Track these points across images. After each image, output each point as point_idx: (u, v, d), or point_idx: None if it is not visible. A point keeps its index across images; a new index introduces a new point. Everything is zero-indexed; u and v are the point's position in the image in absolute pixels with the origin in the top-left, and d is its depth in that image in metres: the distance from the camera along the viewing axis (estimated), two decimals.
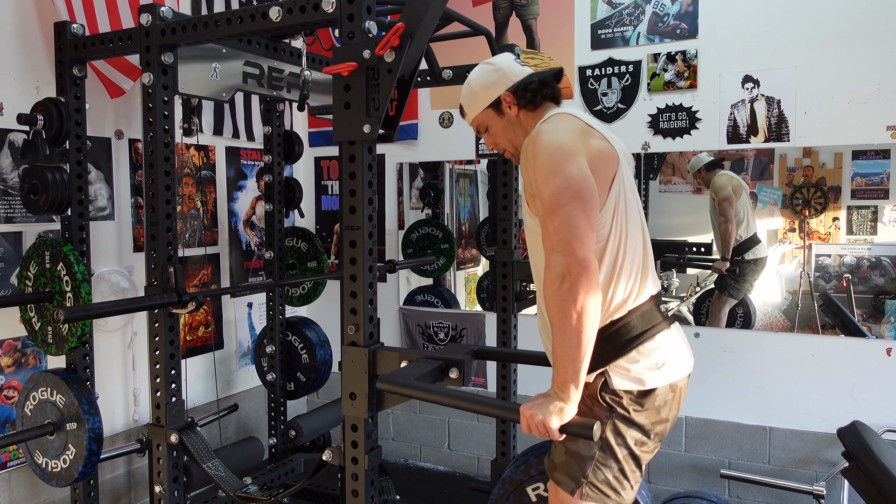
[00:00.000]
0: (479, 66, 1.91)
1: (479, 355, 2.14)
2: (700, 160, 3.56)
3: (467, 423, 4.05)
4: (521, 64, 1.91)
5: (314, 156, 4.44)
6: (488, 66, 1.89)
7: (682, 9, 3.35)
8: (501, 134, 1.90)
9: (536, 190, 1.65)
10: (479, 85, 1.88)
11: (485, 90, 1.87)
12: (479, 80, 1.88)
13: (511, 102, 1.86)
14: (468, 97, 1.91)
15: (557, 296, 1.51)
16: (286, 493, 2.32)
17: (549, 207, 1.58)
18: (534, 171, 1.65)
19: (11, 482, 2.80)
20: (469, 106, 1.91)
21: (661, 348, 1.71)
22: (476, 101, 1.89)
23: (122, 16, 2.94)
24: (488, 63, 1.90)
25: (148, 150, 2.32)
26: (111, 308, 2.31)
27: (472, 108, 1.91)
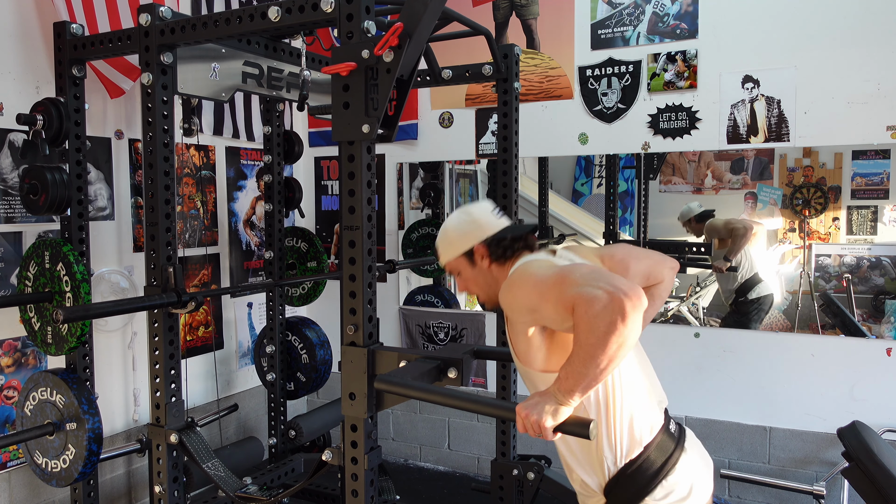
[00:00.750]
0: (456, 213, 1.91)
1: (478, 355, 2.13)
2: (690, 210, 3.62)
3: (467, 423, 4.05)
4: (497, 216, 1.89)
5: (314, 156, 4.44)
6: (465, 217, 1.89)
7: (682, 9, 3.35)
8: (472, 281, 1.90)
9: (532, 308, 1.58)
10: (454, 232, 1.88)
11: (459, 239, 1.87)
12: (454, 228, 1.88)
13: (483, 254, 1.84)
14: (443, 242, 1.91)
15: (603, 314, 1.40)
16: (286, 493, 2.32)
17: (557, 285, 1.52)
18: (523, 294, 1.60)
19: (11, 482, 2.80)
20: (443, 251, 1.91)
21: (685, 477, 1.69)
22: (450, 247, 1.89)
23: (121, 16, 2.94)
24: (466, 213, 1.90)
25: (147, 150, 2.32)
26: (111, 308, 2.31)
27: (445, 253, 1.90)
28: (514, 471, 2.79)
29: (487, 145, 3.90)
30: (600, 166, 4.40)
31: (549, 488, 2.74)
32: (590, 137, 3.62)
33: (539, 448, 3.76)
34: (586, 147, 3.64)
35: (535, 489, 2.76)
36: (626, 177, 4.16)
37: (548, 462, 2.83)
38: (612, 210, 3.93)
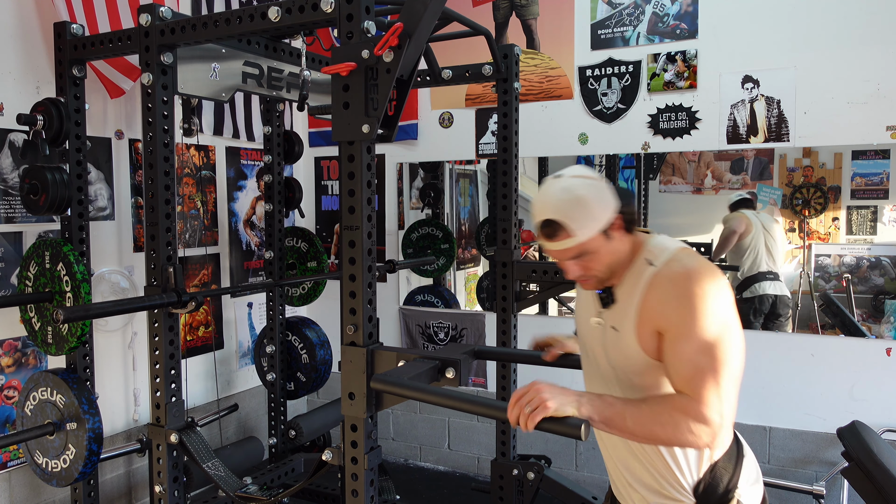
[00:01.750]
0: (582, 179, 1.54)
1: (479, 355, 2.13)
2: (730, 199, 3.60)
3: (467, 423, 4.05)
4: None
5: (314, 156, 4.44)
6: (592, 182, 1.55)
7: (682, 9, 3.35)
8: (605, 260, 1.57)
9: (679, 330, 1.48)
10: (597, 202, 1.52)
11: (601, 209, 1.53)
12: (595, 195, 1.52)
13: (619, 225, 1.57)
14: (581, 216, 1.51)
15: (692, 440, 1.42)
16: (286, 493, 2.32)
17: (711, 368, 1.46)
18: (685, 309, 1.47)
19: (11, 482, 2.81)
20: (581, 227, 1.51)
21: (752, 458, 1.74)
22: (593, 222, 1.51)
23: (121, 16, 2.94)
24: (588, 177, 1.56)
25: (148, 150, 2.33)
26: (111, 308, 2.32)
27: (585, 229, 1.51)
28: (514, 471, 2.79)
29: (487, 145, 3.90)
30: (600, 166, 4.40)
31: (549, 488, 2.75)
32: (590, 137, 3.62)
33: (539, 448, 3.76)
34: (586, 147, 3.64)
35: (535, 489, 2.76)
36: (626, 177, 4.16)
37: (548, 462, 2.83)
38: None
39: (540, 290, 2.90)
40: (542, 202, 1.54)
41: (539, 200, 1.55)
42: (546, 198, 1.54)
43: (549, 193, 1.54)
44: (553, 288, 2.87)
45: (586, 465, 3.74)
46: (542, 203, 1.54)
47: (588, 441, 3.69)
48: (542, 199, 1.54)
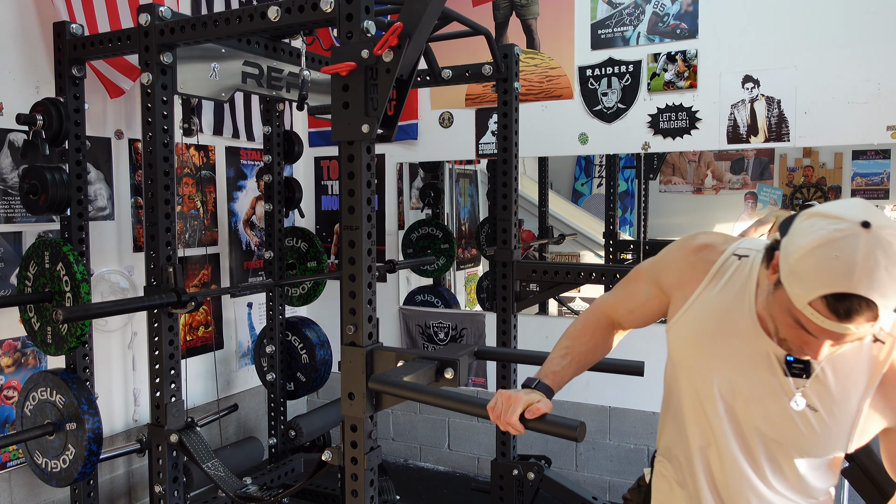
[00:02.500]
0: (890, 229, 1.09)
1: (479, 355, 2.13)
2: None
3: (467, 423, 4.05)
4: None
5: (314, 156, 4.44)
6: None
7: (682, 9, 3.35)
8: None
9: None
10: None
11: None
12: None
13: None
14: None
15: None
16: (286, 493, 2.32)
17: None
18: None
19: (11, 482, 2.81)
20: (892, 304, 1.09)
21: None
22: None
23: (121, 16, 2.94)
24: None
25: (147, 150, 2.33)
26: (110, 308, 2.32)
27: (891, 308, 1.10)
28: (514, 471, 2.79)
29: (487, 145, 3.90)
30: (600, 166, 4.41)
31: (549, 488, 2.74)
32: (590, 137, 3.62)
33: (539, 448, 3.76)
34: (586, 147, 3.64)
35: (535, 489, 2.76)
36: (626, 177, 4.16)
37: (548, 462, 2.83)
38: (612, 210, 3.93)
39: (540, 290, 2.90)
40: (864, 269, 1.06)
41: (857, 263, 1.06)
42: (872, 264, 1.06)
43: (874, 258, 1.06)
44: (553, 288, 2.87)
45: (586, 465, 3.74)
46: (865, 270, 1.06)
47: (588, 441, 3.69)
48: (864, 263, 1.06)
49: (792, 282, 1.13)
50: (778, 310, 1.20)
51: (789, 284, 1.14)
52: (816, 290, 1.09)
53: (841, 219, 1.10)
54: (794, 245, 1.14)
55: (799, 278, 1.12)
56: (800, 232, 1.15)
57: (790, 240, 1.17)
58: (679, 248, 1.49)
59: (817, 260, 1.09)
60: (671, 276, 1.47)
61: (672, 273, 1.47)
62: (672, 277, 1.47)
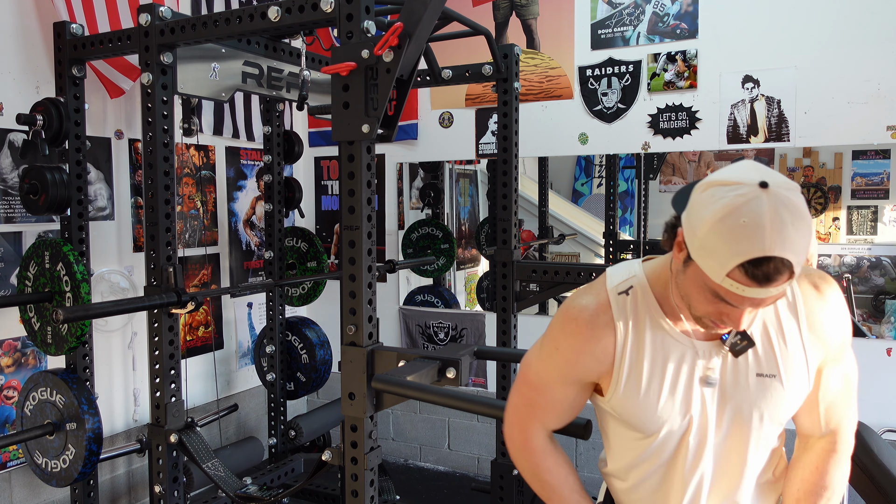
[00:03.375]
0: (799, 195, 1.11)
1: (479, 355, 2.13)
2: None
3: (467, 423, 4.05)
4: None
5: (314, 156, 4.44)
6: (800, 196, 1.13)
7: (682, 9, 3.35)
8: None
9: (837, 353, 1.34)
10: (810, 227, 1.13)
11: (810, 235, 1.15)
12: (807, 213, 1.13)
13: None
14: (807, 243, 1.11)
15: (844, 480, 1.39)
16: (286, 493, 2.32)
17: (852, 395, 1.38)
18: (846, 323, 1.34)
19: (11, 482, 2.80)
20: (802, 258, 1.11)
21: None
22: (806, 252, 1.12)
23: (121, 16, 2.94)
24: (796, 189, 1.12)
25: (147, 150, 2.33)
26: (110, 308, 2.32)
27: (801, 262, 1.11)
28: (515, 471, 2.79)
29: (487, 145, 3.90)
30: (600, 166, 4.41)
31: None
32: (590, 137, 3.62)
33: None
34: (586, 147, 3.64)
35: None
36: (626, 177, 4.16)
37: None
38: (612, 210, 3.93)
39: (540, 290, 2.90)
40: (773, 228, 1.06)
41: (765, 225, 1.06)
42: (779, 223, 1.06)
43: (779, 216, 1.06)
44: (553, 288, 2.87)
45: (586, 465, 3.74)
46: (774, 230, 1.06)
47: (588, 441, 3.69)
48: (772, 223, 1.06)
49: (704, 256, 1.12)
50: (692, 287, 1.19)
51: (702, 259, 1.13)
52: (732, 260, 1.08)
53: (739, 184, 1.10)
54: (699, 218, 1.12)
55: (711, 252, 1.11)
56: (701, 204, 1.13)
57: (692, 213, 1.15)
58: (570, 335, 1.34)
59: (726, 229, 1.08)
60: (587, 365, 1.34)
61: (585, 363, 1.34)
62: (589, 365, 1.34)
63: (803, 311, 1.30)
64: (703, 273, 1.14)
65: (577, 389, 1.38)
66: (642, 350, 1.30)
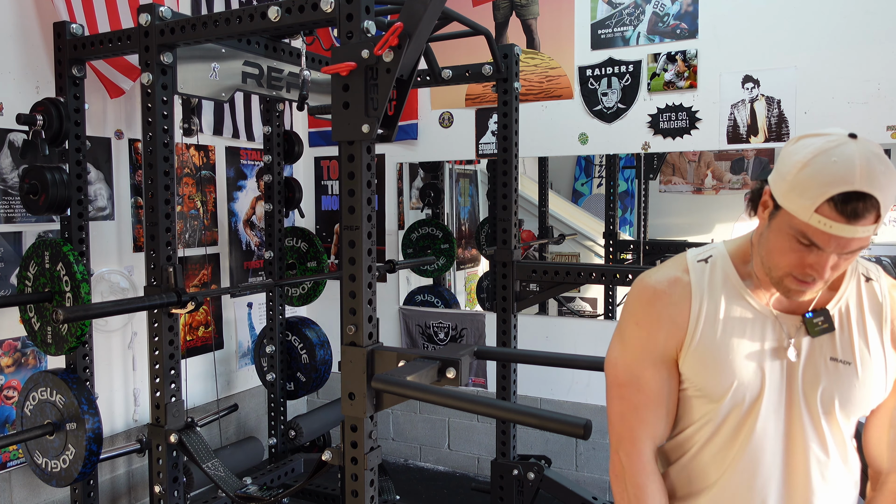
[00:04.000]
0: (880, 147, 1.17)
1: (479, 355, 2.13)
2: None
3: (467, 423, 4.05)
4: None
5: (314, 156, 4.44)
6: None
7: (682, 9, 3.35)
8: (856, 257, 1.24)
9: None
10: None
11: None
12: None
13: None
14: (892, 198, 1.14)
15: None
16: (286, 493, 2.32)
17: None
18: None
19: (11, 482, 2.80)
20: (889, 206, 1.14)
21: None
22: (892, 203, 1.16)
23: (121, 16, 2.94)
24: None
25: (147, 150, 2.32)
26: (110, 308, 2.31)
27: (887, 211, 1.15)
28: (514, 471, 2.79)
29: (487, 145, 3.90)
30: (600, 166, 4.41)
31: (549, 488, 2.74)
32: (590, 137, 3.62)
33: (539, 448, 3.76)
34: (586, 147, 3.64)
35: (535, 489, 2.76)
36: (626, 177, 4.16)
37: (548, 462, 2.83)
38: (612, 210, 3.93)
39: (540, 290, 2.90)
40: (863, 167, 1.10)
41: (855, 163, 1.10)
42: (867, 164, 1.10)
43: (868, 159, 1.11)
44: (553, 288, 2.87)
45: (586, 465, 3.74)
46: (863, 168, 1.10)
47: (588, 441, 3.69)
48: (861, 163, 1.10)
49: (794, 197, 1.16)
50: (776, 239, 1.21)
51: (791, 200, 1.16)
52: (822, 194, 1.11)
53: (829, 134, 1.16)
54: (790, 163, 1.18)
55: (801, 190, 1.14)
56: (791, 152, 1.19)
57: (782, 162, 1.20)
58: (648, 304, 1.34)
59: (817, 167, 1.13)
60: (668, 331, 1.31)
61: (667, 329, 1.32)
62: (670, 331, 1.31)
63: (889, 316, 1.29)
64: (790, 218, 1.17)
65: (667, 370, 1.33)
66: (718, 312, 1.30)
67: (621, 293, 4.05)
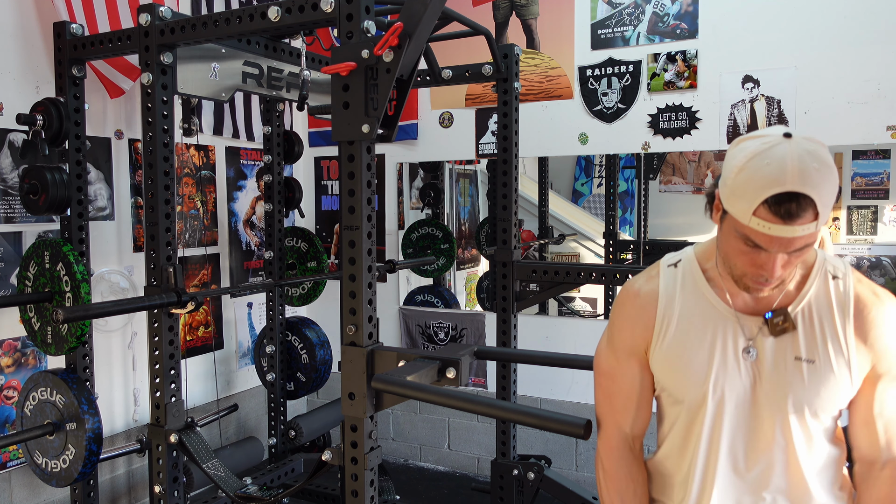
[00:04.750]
0: (822, 147, 1.19)
1: (479, 355, 2.13)
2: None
3: (467, 423, 4.05)
4: None
5: (314, 156, 4.44)
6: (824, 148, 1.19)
7: (682, 9, 3.35)
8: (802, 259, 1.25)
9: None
10: (835, 177, 1.18)
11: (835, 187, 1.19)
12: (834, 168, 1.18)
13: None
14: (831, 196, 1.16)
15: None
16: (286, 493, 2.32)
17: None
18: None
19: (11, 482, 2.80)
20: (826, 210, 1.16)
21: None
22: (830, 207, 1.18)
23: (121, 16, 2.94)
24: (822, 144, 1.20)
25: (147, 150, 2.32)
26: (110, 308, 2.31)
27: (826, 214, 1.17)
28: (514, 471, 2.79)
29: (487, 145, 3.90)
30: (600, 166, 4.41)
31: (549, 488, 2.74)
32: (590, 137, 3.62)
33: (539, 448, 3.76)
34: (586, 147, 3.64)
35: (535, 489, 2.76)
36: (626, 177, 4.16)
37: (548, 462, 2.83)
38: (612, 210, 3.93)
39: (540, 290, 2.90)
40: (794, 167, 1.12)
41: (787, 164, 1.13)
42: (799, 163, 1.12)
43: (800, 158, 1.13)
44: (553, 288, 2.87)
45: (586, 465, 3.74)
46: (794, 169, 1.12)
47: (588, 441, 3.69)
48: (793, 163, 1.12)
49: (734, 201, 1.19)
50: (727, 240, 1.26)
51: (732, 204, 1.20)
52: (756, 198, 1.15)
53: (765, 135, 1.19)
54: (729, 168, 1.22)
55: (739, 194, 1.18)
56: (731, 157, 1.23)
57: (725, 166, 1.24)
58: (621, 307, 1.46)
59: (751, 171, 1.16)
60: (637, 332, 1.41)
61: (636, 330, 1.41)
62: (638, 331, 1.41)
63: (851, 312, 1.30)
64: (734, 221, 1.21)
65: (639, 366, 1.43)
66: (682, 315, 1.37)
67: None
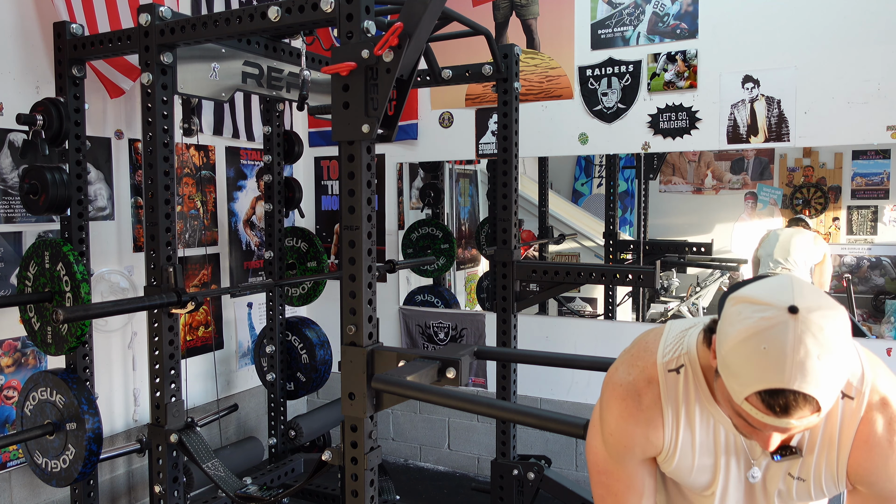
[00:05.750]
0: (845, 336, 1.05)
1: (479, 355, 2.13)
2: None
3: (467, 423, 4.05)
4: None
5: (314, 156, 4.44)
6: (845, 324, 1.06)
7: (682, 9, 3.35)
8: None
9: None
10: (846, 359, 1.06)
11: (845, 369, 1.07)
12: (847, 352, 1.06)
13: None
14: (837, 391, 1.05)
15: None
16: (286, 493, 2.32)
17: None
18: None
19: (11, 482, 2.80)
20: (833, 394, 1.05)
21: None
22: (840, 386, 1.07)
23: (121, 16, 2.94)
24: (846, 326, 1.06)
25: (147, 150, 2.33)
26: (110, 308, 2.31)
27: (833, 397, 1.05)
28: (514, 471, 2.79)
29: (487, 145, 3.90)
30: (600, 166, 4.41)
31: (549, 488, 2.74)
32: (590, 137, 3.62)
33: (539, 448, 3.76)
34: (586, 147, 3.64)
35: (535, 489, 2.76)
36: (626, 177, 4.17)
37: (548, 462, 2.83)
38: (612, 210, 3.93)
39: (540, 290, 2.90)
40: (794, 361, 1.01)
41: (786, 356, 1.01)
42: (802, 356, 1.00)
43: (804, 349, 1.01)
44: (553, 288, 2.87)
45: (586, 464, 3.74)
46: (795, 364, 1.01)
47: None
48: (794, 355, 1.01)
49: (727, 376, 1.08)
50: (722, 397, 1.16)
51: (725, 378, 1.09)
52: (749, 386, 1.04)
53: (767, 305, 1.04)
54: (725, 334, 1.09)
55: (732, 373, 1.07)
56: (727, 320, 1.10)
57: (722, 327, 1.11)
58: (619, 417, 1.32)
59: (746, 354, 1.04)
60: (640, 445, 1.32)
61: (638, 443, 1.32)
62: (641, 445, 1.32)
63: (851, 443, 1.21)
64: (727, 390, 1.10)
65: (644, 464, 1.37)
66: (693, 435, 1.29)
67: (621, 293, 4.05)
